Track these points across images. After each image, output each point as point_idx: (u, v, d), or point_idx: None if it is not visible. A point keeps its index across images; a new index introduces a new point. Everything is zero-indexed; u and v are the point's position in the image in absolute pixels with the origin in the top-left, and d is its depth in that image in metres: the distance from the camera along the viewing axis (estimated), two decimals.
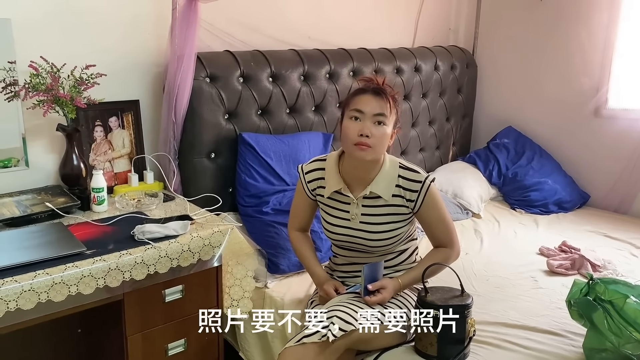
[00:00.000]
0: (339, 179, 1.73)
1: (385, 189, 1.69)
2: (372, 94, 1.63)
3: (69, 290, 1.58)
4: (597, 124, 3.15)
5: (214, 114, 2.27)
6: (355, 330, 1.52)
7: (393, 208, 1.71)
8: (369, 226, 1.71)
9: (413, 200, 1.69)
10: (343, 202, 1.75)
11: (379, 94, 1.63)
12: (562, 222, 2.92)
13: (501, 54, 3.51)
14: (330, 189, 1.75)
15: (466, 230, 2.76)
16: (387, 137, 1.64)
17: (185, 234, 1.82)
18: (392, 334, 1.62)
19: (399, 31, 3.29)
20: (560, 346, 1.71)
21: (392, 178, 1.70)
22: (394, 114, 1.65)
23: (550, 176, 3.16)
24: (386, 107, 1.62)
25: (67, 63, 1.98)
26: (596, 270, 2.28)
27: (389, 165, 1.71)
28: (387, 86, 1.67)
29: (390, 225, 1.70)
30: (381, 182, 1.69)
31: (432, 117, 3.30)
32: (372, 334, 1.55)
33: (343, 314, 1.55)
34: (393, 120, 1.65)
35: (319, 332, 1.52)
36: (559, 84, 3.26)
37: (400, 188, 1.69)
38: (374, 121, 1.61)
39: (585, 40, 3.11)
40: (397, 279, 1.71)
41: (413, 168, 1.72)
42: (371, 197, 1.71)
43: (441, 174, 3.24)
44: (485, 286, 2.13)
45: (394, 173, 1.70)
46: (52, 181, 2.11)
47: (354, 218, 1.72)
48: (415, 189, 1.68)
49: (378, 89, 1.64)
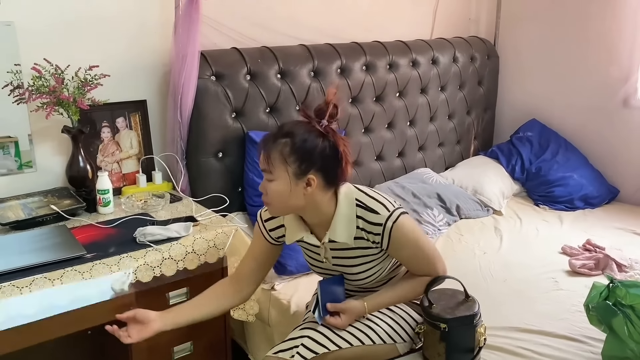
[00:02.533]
0: (300, 224, 1.55)
1: (345, 233, 1.49)
2: (261, 143, 1.44)
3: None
4: (627, 114, 3.00)
5: (221, 112, 2.23)
6: (329, 352, 1.46)
7: (361, 250, 1.53)
8: (344, 268, 1.57)
9: (378, 242, 1.50)
10: (313, 245, 1.57)
11: (263, 146, 1.43)
12: (588, 218, 2.79)
13: (524, 43, 3.37)
14: (292, 238, 1.57)
15: (486, 228, 2.66)
16: (279, 193, 1.42)
17: (187, 235, 1.79)
18: (381, 354, 1.53)
19: (416, 23, 3.19)
20: (579, 352, 1.62)
21: (349, 220, 1.49)
22: (289, 164, 1.40)
23: (576, 170, 3.03)
24: (268, 162, 1.42)
25: (73, 65, 1.98)
26: (622, 271, 2.16)
27: (344, 206, 1.49)
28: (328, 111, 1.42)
29: (366, 266, 1.55)
30: (338, 228, 1.49)
31: (452, 111, 3.20)
32: (353, 355, 1.48)
33: (317, 334, 1.49)
34: (286, 170, 1.40)
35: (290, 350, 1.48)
36: (585, 74, 3.11)
37: (362, 230, 1.50)
38: (265, 178, 1.45)
39: (613, 27, 2.96)
40: (363, 302, 1.54)
41: (372, 207, 1.48)
42: (335, 241, 1.53)
43: (461, 169, 3.15)
44: (502, 288, 2.04)
45: (352, 214, 1.49)
46: (60, 183, 2.11)
47: (326, 261, 1.59)
48: (377, 232, 1.48)
49: (267, 138, 1.43)
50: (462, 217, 2.72)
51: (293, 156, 1.40)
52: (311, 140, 1.40)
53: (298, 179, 1.41)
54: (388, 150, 2.89)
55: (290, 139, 1.40)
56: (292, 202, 1.44)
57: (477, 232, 2.60)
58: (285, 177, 1.41)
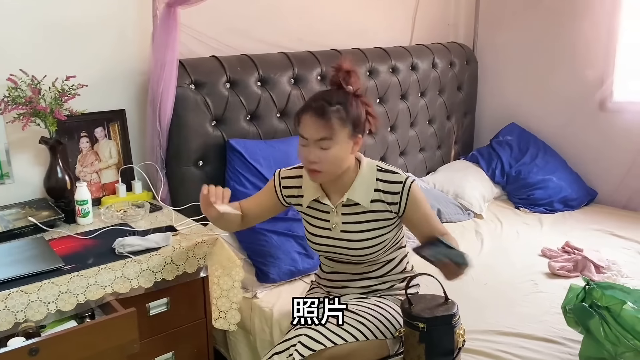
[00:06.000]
0: (317, 187, 1.66)
1: (363, 195, 1.62)
2: (314, 114, 1.51)
3: (47, 308, 1.55)
4: (603, 117, 3.05)
5: (200, 121, 2.23)
6: (326, 349, 1.47)
7: (374, 214, 1.63)
8: (350, 234, 1.64)
9: (396, 203, 1.61)
10: (323, 212, 1.68)
11: (321, 115, 1.51)
12: (568, 220, 2.83)
13: (502, 48, 3.42)
14: (308, 199, 1.68)
15: (467, 231, 2.68)
16: (337, 158, 1.54)
17: (167, 246, 1.78)
18: (373, 349, 1.56)
19: (396, 30, 3.22)
20: (557, 354, 1.64)
21: (370, 183, 1.62)
22: (347, 126, 1.53)
23: (555, 173, 3.07)
24: (329, 128, 1.50)
25: (51, 75, 1.96)
26: (600, 272, 2.19)
27: (366, 170, 1.64)
28: (352, 78, 1.58)
29: (373, 233, 1.63)
30: (358, 189, 1.62)
31: (432, 116, 3.23)
32: (348, 350, 1.49)
33: (313, 331, 1.50)
34: (345, 133, 1.53)
35: (287, 350, 1.49)
36: (562, 78, 3.17)
37: (380, 192, 1.62)
38: (318, 146, 1.53)
39: (589, 31, 3.02)
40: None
41: (392, 170, 1.65)
42: (350, 205, 1.64)
43: (442, 174, 3.17)
44: (482, 291, 2.06)
45: (372, 178, 1.63)
46: (38, 194, 2.09)
47: (335, 227, 1.66)
48: (396, 191, 1.60)
49: (321, 107, 1.52)
50: (444, 221, 2.74)
51: (349, 120, 1.53)
52: (355, 104, 1.56)
53: (351, 140, 1.56)
54: (370, 155, 2.82)
55: (342, 105, 1.53)
56: (345, 164, 1.58)
57: (458, 235, 2.56)
58: (345, 140, 1.54)
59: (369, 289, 1.73)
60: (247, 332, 2.05)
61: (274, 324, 1.93)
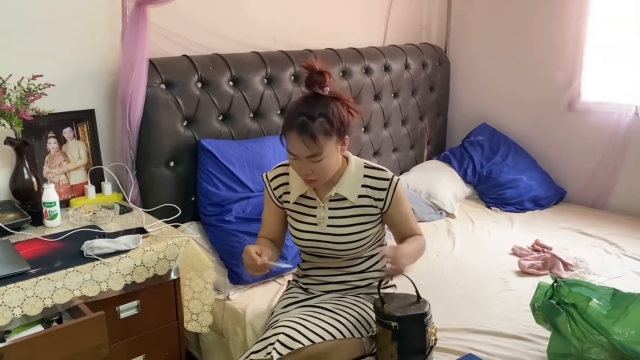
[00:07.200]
0: (303, 182, 1.66)
1: (351, 190, 1.66)
2: (299, 133, 1.51)
3: (12, 313, 1.51)
4: (571, 118, 3.11)
5: (171, 121, 2.20)
6: (304, 347, 1.47)
7: (361, 209, 1.66)
8: (336, 229, 1.66)
9: (382, 199, 1.65)
10: (309, 207, 1.70)
11: (305, 133, 1.50)
12: (538, 219, 2.88)
13: (474, 50, 3.46)
14: (295, 193, 1.70)
15: (439, 231, 2.71)
16: (329, 165, 1.58)
17: (137, 248, 1.76)
18: (350, 347, 1.57)
19: (369, 31, 3.23)
20: (526, 351, 1.67)
21: (357, 179, 1.66)
22: (333, 135, 1.54)
23: (525, 173, 3.12)
24: (317, 146, 1.51)
25: (17, 75, 1.91)
26: (568, 270, 2.23)
27: (354, 166, 1.68)
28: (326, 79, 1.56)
29: (358, 227, 1.66)
30: (346, 183, 1.66)
31: (405, 117, 3.25)
32: (325, 349, 1.50)
33: (291, 330, 1.50)
34: (333, 142, 1.55)
35: (264, 349, 1.48)
36: (532, 79, 3.22)
37: (368, 188, 1.66)
38: (309, 161, 1.54)
39: (557, 33, 3.07)
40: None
41: (379, 167, 1.70)
42: (337, 199, 1.67)
43: (415, 173, 3.20)
44: (454, 290, 2.08)
45: (359, 173, 1.67)
46: (4, 197, 2.04)
47: (321, 222, 1.68)
48: (383, 187, 1.65)
49: (304, 125, 1.51)
50: (417, 220, 2.76)
51: (334, 129, 1.54)
52: (336, 108, 1.56)
53: (339, 144, 1.59)
54: None
55: (324, 117, 1.53)
56: (337, 165, 1.63)
57: (430, 235, 2.63)
58: (333, 149, 1.57)
59: (348, 285, 1.74)
60: (220, 334, 2.04)
61: (247, 325, 1.91)
